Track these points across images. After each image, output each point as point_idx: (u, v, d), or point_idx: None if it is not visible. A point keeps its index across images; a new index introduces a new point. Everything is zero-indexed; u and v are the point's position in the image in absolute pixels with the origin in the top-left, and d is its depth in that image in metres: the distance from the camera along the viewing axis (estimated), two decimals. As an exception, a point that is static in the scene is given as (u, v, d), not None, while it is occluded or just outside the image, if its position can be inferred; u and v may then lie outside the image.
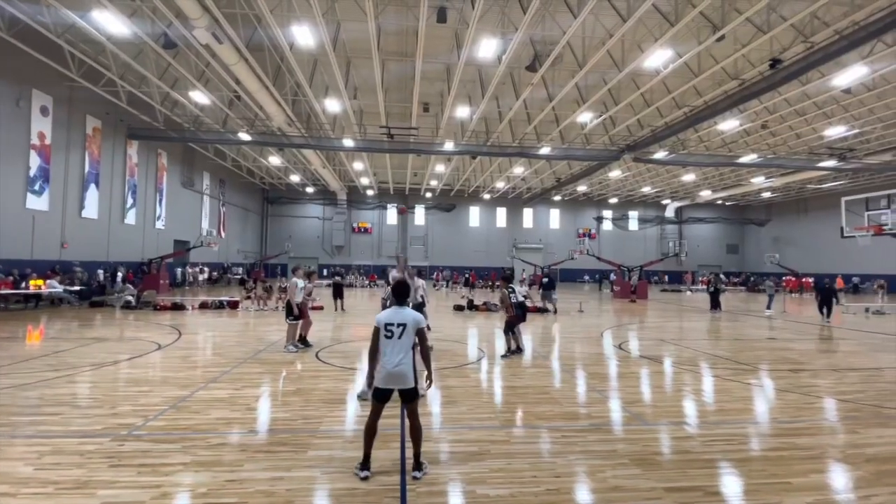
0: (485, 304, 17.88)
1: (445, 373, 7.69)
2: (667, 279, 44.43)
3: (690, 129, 22.75)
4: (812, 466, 4.24)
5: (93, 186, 20.47)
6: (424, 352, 4.05)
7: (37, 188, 17.41)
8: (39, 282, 15.92)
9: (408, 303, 5.94)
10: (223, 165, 33.05)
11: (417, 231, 45.80)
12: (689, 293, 33.34)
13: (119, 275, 20.71)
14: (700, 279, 40.94)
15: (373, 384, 4.00)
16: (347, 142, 24.29)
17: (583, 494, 3.68)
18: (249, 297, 18.22)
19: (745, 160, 26.66)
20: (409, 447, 4.36)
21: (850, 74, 16.39)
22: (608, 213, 48.06)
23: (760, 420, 5.66)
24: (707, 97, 19.33)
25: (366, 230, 45.37)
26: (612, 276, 33.31)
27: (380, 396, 3.94)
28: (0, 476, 3.75)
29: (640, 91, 18.88)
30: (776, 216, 46.01)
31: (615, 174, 33.64)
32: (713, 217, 48.55)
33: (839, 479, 4.06)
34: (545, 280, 18.56)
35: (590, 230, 47.46)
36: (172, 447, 4.39)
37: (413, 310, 6.25)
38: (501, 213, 47.02)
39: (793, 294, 31.42)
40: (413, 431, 3.97)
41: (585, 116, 21.75)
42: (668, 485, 3.81)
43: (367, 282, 35.58)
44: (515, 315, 9.11)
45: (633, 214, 48.32)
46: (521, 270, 37.32)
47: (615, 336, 12.30)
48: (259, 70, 16.85)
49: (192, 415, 5.35)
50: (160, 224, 26.34)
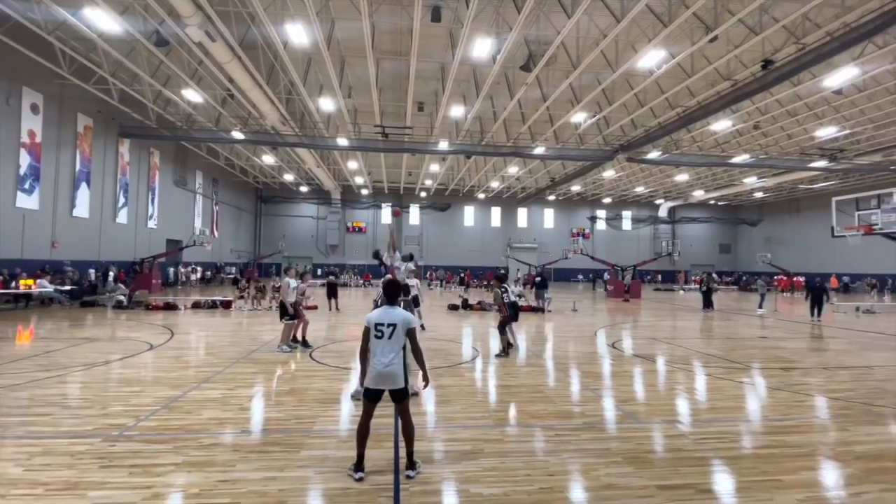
0: (479, 304, 17.90)
1: (440, 372, 7.69)
2: (660, 279, 44.68)
3: (683, 130, 22.90)
4: (803, 464, 4.28)
5: (84, 185, 20.28)
6: (416, 352, 4.04)
7: (27, 187, 17.22)
8: (30, 281, 15.75)
9: (400, 302, 5.94)
10: (216, 164, 32.85)
11: (412, 231, 45.74)
12: (682, 292, 33.57)
13: (111, 274, 20.53)
14: (693, 278, 41.20)
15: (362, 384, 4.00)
16: (342, 141, 24.21)
17: (576, 493, 3.69)
18: (243, 297, 18.14)
19: (738, 160, 26.87)
20: (403, 446, 4.37)
21: (842, 76, 16.57)
22: (602, 213, 48.27)
23: (752, 418, 5.71)
24: (700, 97, 19.45)
25: (360, 230, 45.27)
26: (606, 276, 33.47)
27: (371, 396, 3.93)
28: (-12, 478, 3.71)
29: (634, 91, 18.96)
30: (768, 216, 46.41)
31: (609, 174, 33.79)
32: (706, 217, 48.90)
33: (829, 477, 4.10)
34: (538, 279, 18.77)
35: (584, 230, 47.64)
36: (164, 447, 4.35)
37: (404, 309, 6.27)
38: (496, 213, 47.09)
39: (784, 293, 31.72)
40: (405, 430, 3.97)
41: (579, 116, 21.81)
42: (661, 483, 3.83)
43: (362, 281, 35.53)
44: (508, 315, 9.25)
45: (627, 214, 48.55)
46: (516, 270, 37.40)
47: (609, 335, 12.36)
48: (252, 68, 16.75)
49: (185, 415, 5.31)
50: (152, 223, 26.14)
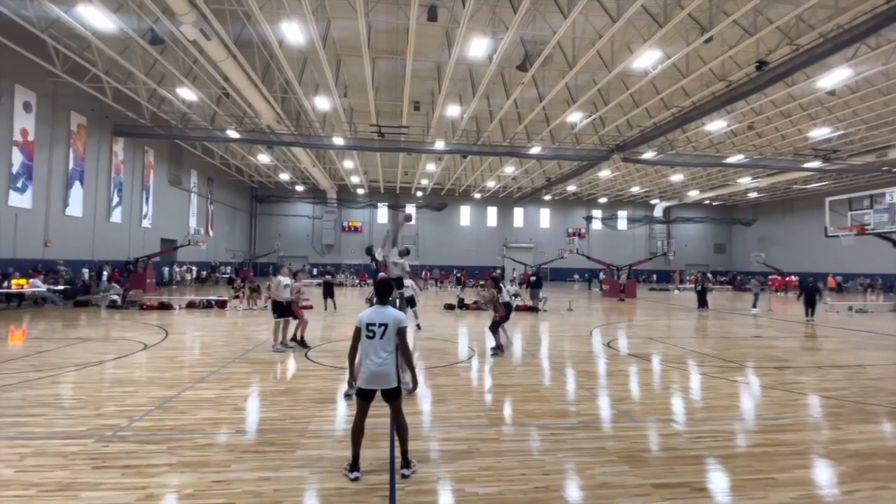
0: (475, 303, 17.91)
1: (435, 371, 7.69)
2: (655, 278, 44.87)
3: (678, 130, 22.99)
4: (796, 462, 4.31)
5: (77, 184, 20.12)
6: (405, 352, 4.01)
7: (19, 185, 17.06)
8: (22, 281, 15.62)
9: (394, 300, 5.94)
10: (211, 163, 32.68)
11: (408, 230, 45.64)
12: (677, 292, 33.72)
13: (104, 274, 20.39)
14: (688, 278, 41.40)
15: (355, 384, 3.98)
16: (337, 140, 24.15)
17: (571, 491, 3.70)
18: (238, 297, 18.07)
19: (732, 160, 27.02)
20: (398, 445, 4.37)
21: (835, 77, 16.68)
22: (598, 213, 48.40)
23: (746, 417, 5.74)
24: (695, 98, 19.54)
25: (356, 229, 45.17)
26: (602, 275, 33.57)
27: (364, 396, 3.92)
28: (-21, 479, 3.67)
29: (630, 91, 19.02)
30: (762, 216, 46.69)
31: (604, 174, 33.88)
32: (701, 217, 49.12)
33: (823, 475, 4.13)
34: (533, 279, 18.86)
35: (579, 229, 47.74)
36: (158, 448, 4.33)
37: (400, 306, 6.30)
38: (492, 213, 47.11)
39: (778, 293, 31.93)
40: (399, 430, 3.97)
41: (575, 116, 21.86)
42: (656, 481, 3.84)
43: (358, 281, 35.48)
44: (503, 315, 9.32)
45: (623, 214, 48.71)
46: (512, 269, 37.45)
47: (604, 334, 12.40)
48: (248, 67, 16.68)
49: (179, 415, 5.28)
50: (147, 222, 25.98)
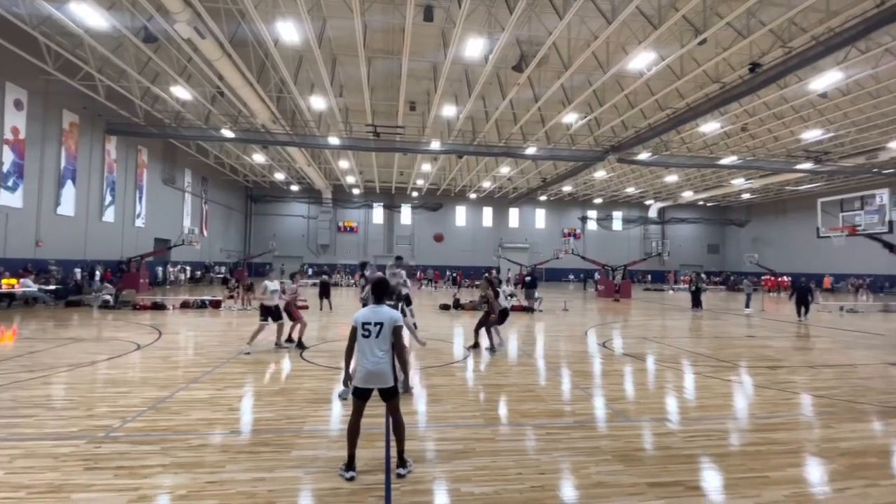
0: (471, 303, 17.91)
1: (431, 371, 7.68)
2: (649, 278, 45.07)
3: (673, 131, 23.13)
4: (789, 460, 4.35)
5: (69, 183, 19.93)
6: (400, 352, 4.00)
7: (10, 184, 16.86)
8: (13, 281, 15.44)
9: (396, 303, 5.96)
10: (205, 163, 32.47)
11: (404, 230, 45.66)
12: (672, 292, 33.91)
13: (97, 274, 20.21)
14: (682, 278, 41.63)
15: (350, 383, 3.98)
16: (333, 140, 24.08)
17: (567, 491, 3.71)
18: (232, 297, 17.97)
19: (726, 162, 27.20)
20: (394, 445, 4.36)
21: (826, 79, 16.84)
22: (593, 214, 48.56)
23: (739, 416, 5.78)
24: (689, 99, 19.66)
25: (351, 229, 45.06)
26: (597, 276, 33.67)
27: (360, 395, 3.92)
28: (-31, 480, 3.62)
29: (625, 93, 19.10)
30: (755, 217, 47.03)
31: (600, 175, 34.01)
32: (695, 217, 49.41)
33: (815, 473, 4.17)
34: (528, 279, 18.90)
35: (575, 230, 47.88)
36: (151, 449, 4.30)
37: (393, 308, 6.31)
38: (488, 213, 47.14)
39: (771, 293, 32.17)
40: (395, 429, 3.96)
41: (571, 117, 21.92)
42: (651, 480, 3.87)
43: (353, 281, 35.38)
44: (496, 317, 9.39)
45: (618, 215, 48.90)
46: (507, 270, 37.48)
47: (599, 334, 12.44)
48: (243, 66, 16.59)
49: (172, 416, 5.24)
50: (140, 222, 25.78)
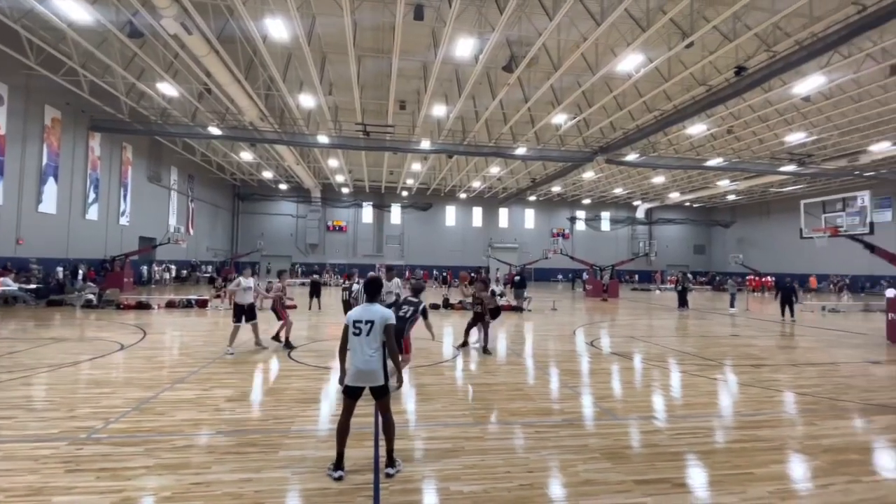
0: (460, 303, 17.92)
1: (420, 370, 7.66)
2: (636, 278, 45.54)
3: (660, 133, 23.39)
4: (773, 457, 4.42)
5: (51, 180, 19.50)
6: (391, 350, 3.99)
7: (-11, 181, 16.49)
8: (-8, 280, 15.08)
9: (381, 300, 5.98)
10: (192, 160, 32.03)
11: (393, 230, 45.53)
12: (658, 292, 34.29)
13: (80, 272, 19.81)
14: (668, 278, 42.12)
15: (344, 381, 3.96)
16: (322, 138, 23.91)
17: (555, 489, 3.72)
18: (219, 296, 17.75)
19: (712, 163, 27.60)
20: (383, 444, 4.34)
21: (809, 83, 17.17)
22: (581, 214, 48.91)
23: (724, 413, 5.86)
24: (676, 102, 19.89)
25: (340, 228, 44.80)
26: (585, 276, 33.93)
27: (351, 394, 3.90)
28: (-56, 484, 3.53)
29: (613, 94, 19.26)
30: (740, 218, 47.80)
31: (588, 175, 34.27)
32: (681, 218, 50.04)
33: (798, 469, 4.24)
34: (517, 279, 18.98)
35: (563, 230, 48.17)
36: (135, 450, 4.22)
37: (417, 304, 6.45)
38: (477, 213, 47.21)
39: (755, 293, 32.70)
40: (386, 428, 3.95)
41: (560, 118, 22.05)
42: (638, 477, 3.90)
43: (342, 280, 35.18)
44: (490, 316, 9.51)
45: (606, 215, 49.32)
46: (496, 269, 37.59)
47: (587, 333, 12.53)
48: (230, 63, 16.39)
49: (157, 416, 5.16)
50: (124, 220, 25.34)
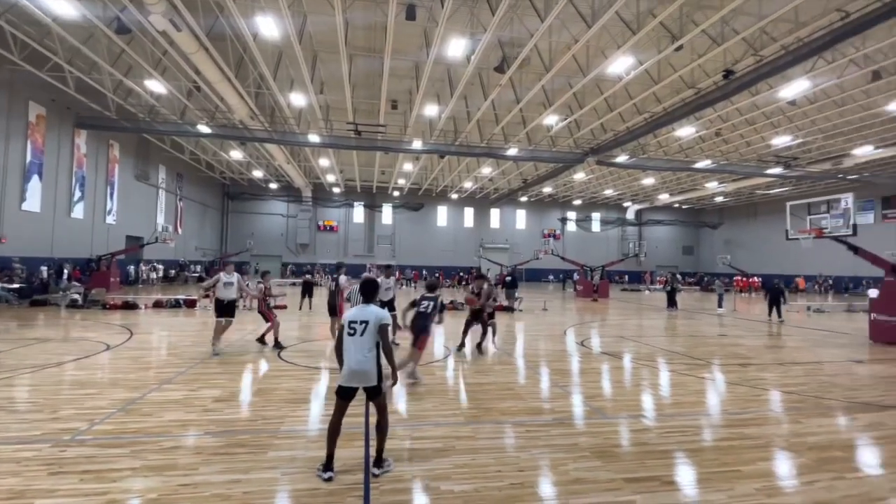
0: (451, 304, 17.90)
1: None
2: (626, 279, 45.91)
3: (650, 135, 23.58)
4: (760, 455, 4.47)
5: (35, 177, 19.14)
6: (387, 349, 3.97)
7: (-29, 178, 16.15)
8: (-27, 279, 14.78)
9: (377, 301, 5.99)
10: (181, 159, 31.63)
11: (385, 230, 45.40)
12: (648, 292, 34.59)
13: (65, 272, 19.47)
14: (657, 279, 42.53)
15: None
16: (313, 137, 23.77)
17: (545, 487, 3.73)
18: (208, 296, 17.53)
19: (700, 165, 27.92)
20: (374, 445, 4.32)
21: (795, 87, 17.45)
22: (572, 215, 49.19)
23: (712, 412, 5.93)
24: (666, 104, 20.08)
25: (332, 228, 44.56)
26: (576, 276, 34.16)
27: (343, 394, 3.89)
28: (-78, 487, 3.44)
29: (604, 96, 19.39)
30: (728, 220, 48.42)
31: (579, 176, 34.47)
32: (670, 220, 50.56)
33: (784, 467, 4.30)
34: (508, 279, 19.03)
35: (554, 231, 48.42)
36: (120, 452, 4.15)
37: (433, 301, 6.48)
38: (469, 213, 47.24)
39: (742, 293, 33.15)
40: (378, 426, 3.95)
41: (551, 119, 22.16)
42: (628, 476, 3.92)
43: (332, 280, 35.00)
44: (488, 314, 9.58)
45: (596, 216, 49.64)
46: (486, 270, 37.66)
47: (577, 333, 12.59)
48: (220, 60, 16.22)
49: (144, 417, 5.08)
50: (111, 219, 24.94)
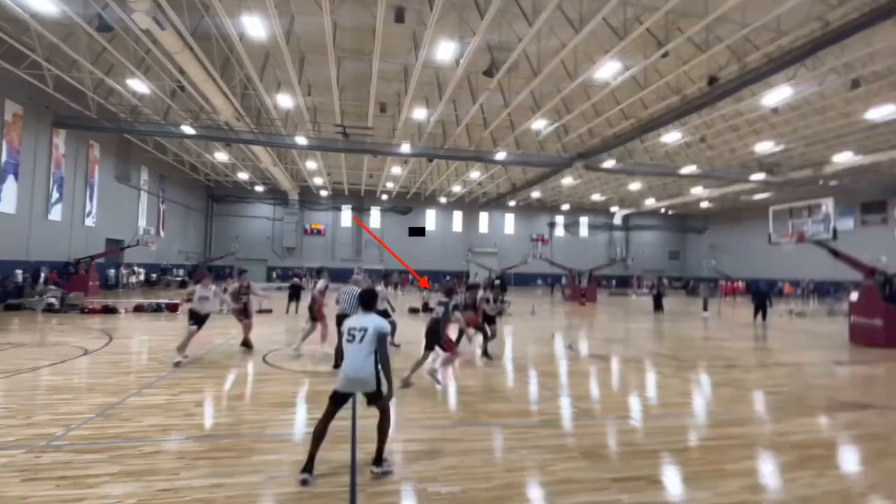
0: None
1: (401, 374, 7.56)
2: (614, 283, 46.32)
3: (637, 140, 23.89)
4: (744, 453, 4.52)
5: (11, 178, 18.62)
6: (384, 359, 3.89)
7: (-56, 177, 15.66)
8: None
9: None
10: (164, 160, 31.08)
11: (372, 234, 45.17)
12: (635, 297, 34.94)
13: (42, 275, 18.96)
14: (644, 283, 43.00)
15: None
16: (300, 139, 23.59)
17: (533, 488, 3.72)
18: (190, 300, 17.22)
19: (686, 171, 28.35)
20: (360, 448, 4.28)
21: (777, 94, 17.83)
22: (560, 220, 49.55)
23: (698, 412, 5.99)
24: (652, 110, 20.37)
25: (319, 232, 44.19)
26: (564, 280, 34.38)
27: (337, 399, 3.86)
28: None
29: (591, 101, 19.60)
30: (713, 225, 49.22)
31: (567, 181, 34.75)
32: (657, 225, 51.25)
33: (767, 465, 4.35)
34: (497, 283, 19.05)
35: (543, 236, 48.71)
36: (98, 457, 4.03)
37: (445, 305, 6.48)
38: (457, 217, 47.25)
39: (726, 297, 33.67)
40: (380, 425, 3.91)
41: (540, 123, 22.31)
42: (615, 475, 3.93)
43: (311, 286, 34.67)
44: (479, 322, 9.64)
45: (584, 221, 50.08)
46: (474, 274, 37.79)
47: (565, 337, 12.64)
48: (205, 60, 16.00)
49: (123, 422, 4.94)
50: (90, 221, 24.37)
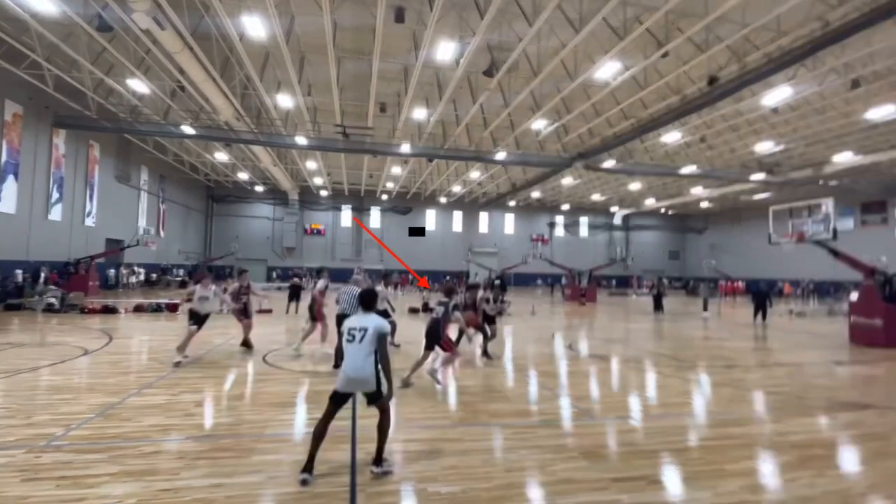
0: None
1: (401, 374, 7.56)
2: (614, 283, 46.31)
3: (637, 140, 23.90)
4: (743, 453, 4.52)
5: (11, 178, 18.62)
6: (384, 359, 3.88)
7: (-56, 177, 15.66)
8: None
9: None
10: (164, 160, 31.09)
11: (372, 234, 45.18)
12: (635, 297, 34.93)
13: (42, 275, 18.96)
14: (644, 283, 43.00)
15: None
16: (300, 139, 23.59)
17: (533, 488, 3.72)
18: (189, 299, 17.23)
19: (686, 171, 28.34)
20: (360, 448, 4.28)
21: (777, 94, 17.83)
22: (560, 220, 49.54)
23: (698, 412, 5.99)
24: (652, 110, 20.36)
25: (319, 232, 44.19)
26: (564, 280, 34.37)
27: (336, 400, 3.86)
28: None
29: (591, 101, 19.60)
30: (713, 225, 49.22)
31: (567, 181, 34.75)
32: (657, 225, 51.24)
33: (767, 465, 4.35)
34: (497, 283, 19.04)
35: (543, 236, 48.70)
36: (98, 457, 4.03)
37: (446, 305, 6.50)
38: (458, 217, 47.23)
39: (725, 297, 33.67)
40: (380, 425, 3.91)
41: (540, 123, 22.31)
42: (615, 475, 3.93)
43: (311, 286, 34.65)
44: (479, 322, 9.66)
45: (584, 221, 50.07)
46: (474, 274, 37.80)
47: (565, 337, 12.64)
48: (205, 60, 16.00)
49: (123, 422, 4.95)
50: (90, 221, 24.37)
